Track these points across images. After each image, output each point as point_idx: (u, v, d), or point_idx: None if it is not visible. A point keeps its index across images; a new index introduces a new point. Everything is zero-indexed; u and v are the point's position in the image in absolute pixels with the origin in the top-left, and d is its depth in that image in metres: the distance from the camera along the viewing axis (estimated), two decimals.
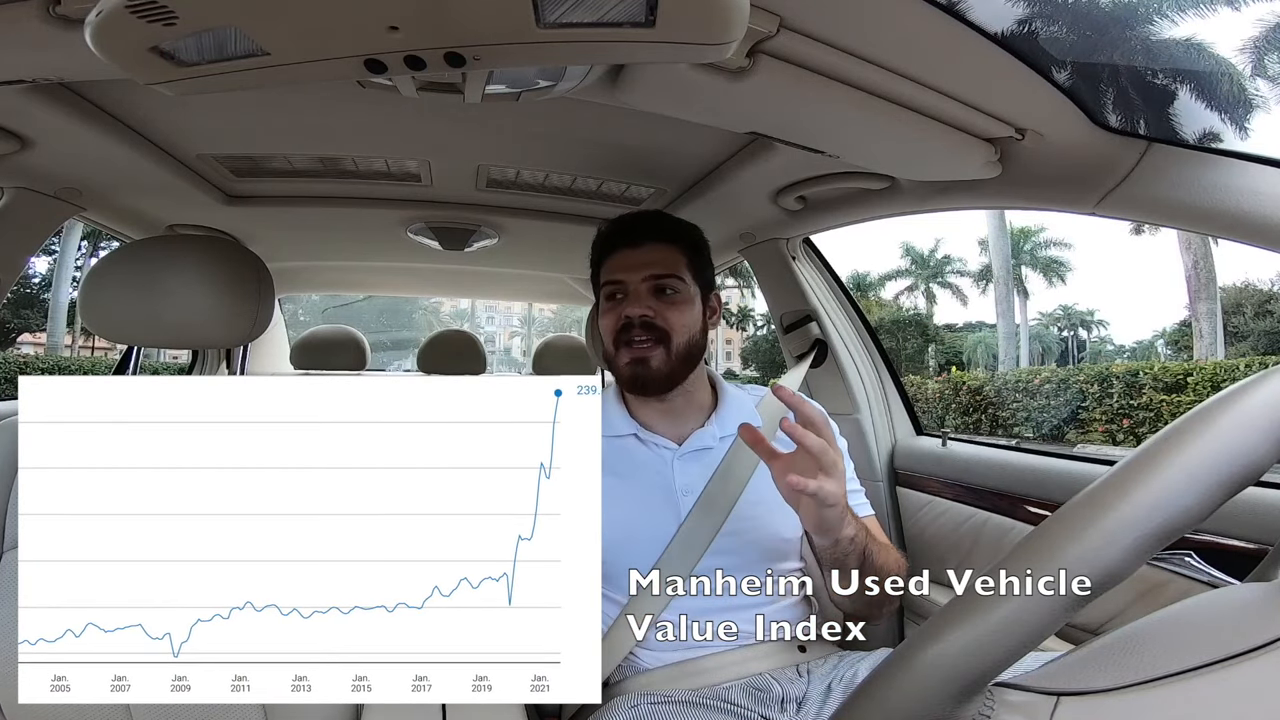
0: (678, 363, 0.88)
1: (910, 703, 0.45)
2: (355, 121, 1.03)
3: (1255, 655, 0.40)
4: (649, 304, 0.87)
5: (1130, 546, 0.40)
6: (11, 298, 11.31)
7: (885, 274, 26.46)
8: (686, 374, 0.90)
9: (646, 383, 0.88)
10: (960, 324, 27.06)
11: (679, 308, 0.89)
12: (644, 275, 0.89)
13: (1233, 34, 8.15)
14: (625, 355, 0.88)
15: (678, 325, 0.88)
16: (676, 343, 0.87)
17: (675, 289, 0.89)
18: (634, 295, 0.88)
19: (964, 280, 25.31)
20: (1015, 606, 0.42)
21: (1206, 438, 0.40)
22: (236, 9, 0.47)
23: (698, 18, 0.50)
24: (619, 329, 0.89)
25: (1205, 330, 13.13)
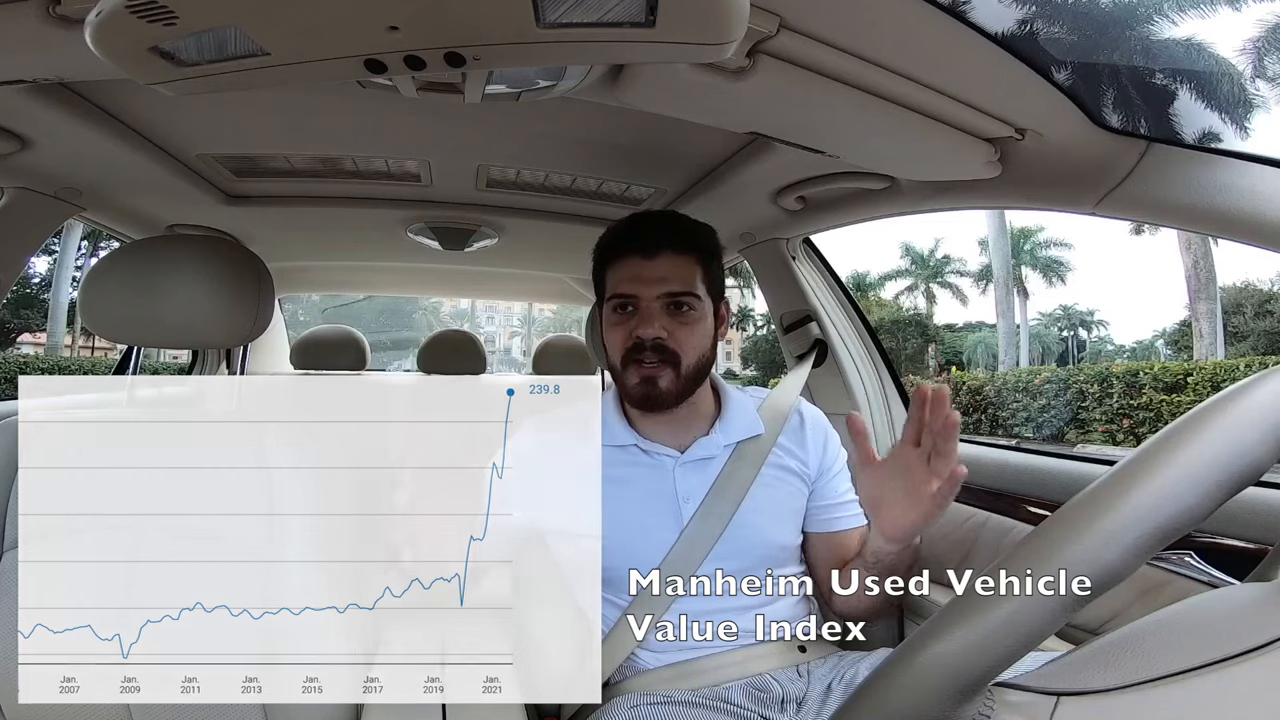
0: (686, 382, 0.86)
1: (910, 702, 0.45)
2: (355, 121, 1.03)
3: (1255, 655, 0.40)
4: (662, 324, 0.84)
5: (1130, 546, 0.40)
6: (11, 298, 11.24)
7: (885, 274, 26.44)
8: (694, 390, 0.88)
9: (655, 403, 0.86)
10: (960, 324, 27.04)
11: (691, 328, 0.86)
12: (658, 293, 0.85)
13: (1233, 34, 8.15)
14: (634, 375, 0.86)
15: (689, 347, 0.85)
16: (687, 364, 0.85)
17: (690, 307, 0.86)
18: (646, 314, 0.85)
19: (964, 280, 25.29)
20: (1015, 606, 0.42)
21: (1206, 438, 0.40)
22: (236, 9, 0.47)
23: (698, 18, 0.50)
24: (629, 347, 0.86)
25: (1205, 330, 13.12)
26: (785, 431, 0.93)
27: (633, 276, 0.86)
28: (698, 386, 0.89)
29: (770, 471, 0.90)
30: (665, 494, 0.87)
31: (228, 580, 0.75)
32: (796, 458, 0.93)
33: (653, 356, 0.84)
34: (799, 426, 0.95)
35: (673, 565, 0.83)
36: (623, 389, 0.89)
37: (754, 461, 0.89)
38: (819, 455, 0.94)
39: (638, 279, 0.86)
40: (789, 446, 0.93)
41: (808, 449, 0.94)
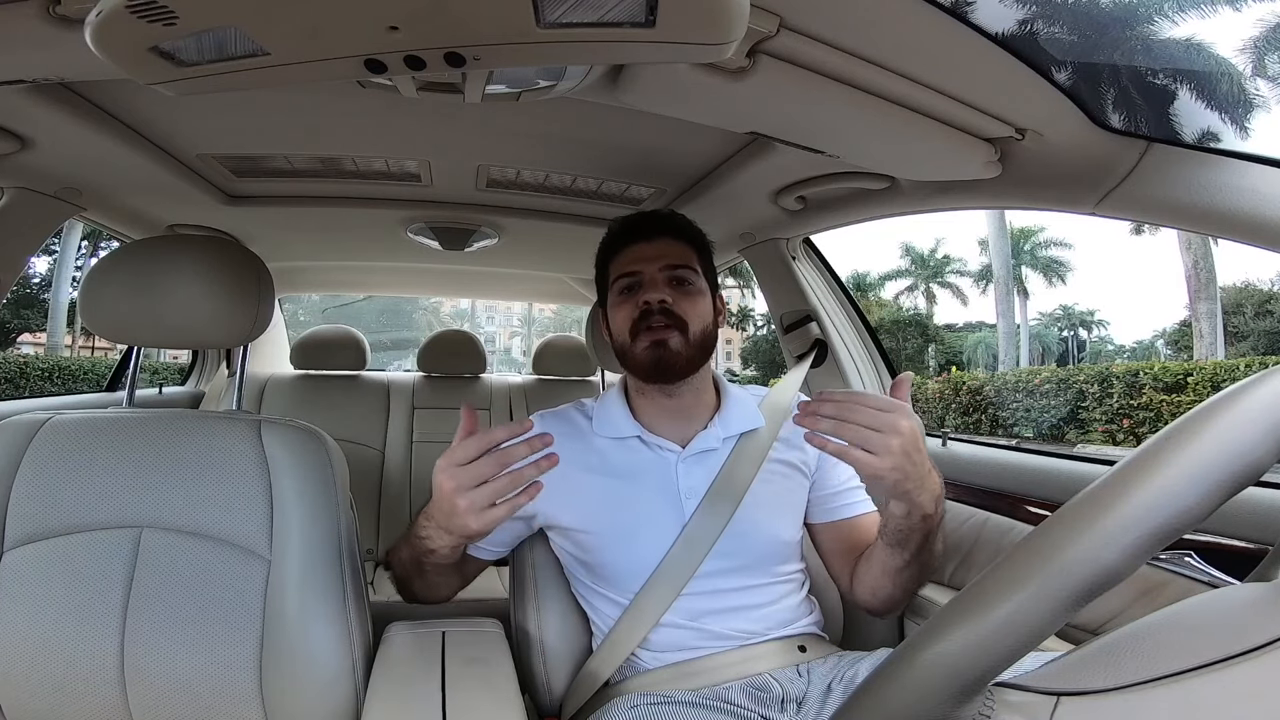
0: (695, 349, 0.87)
1: (911, 702, 0.45)
2: (355, 121, 1.03)
3: (1255, 655, 0.40)
4: (666, 292, 0.88)
5: (1130, 546, 0.40)
6: (11, 298, 11.20)
7: (885, 274, 26.51)
8: (701, 364, 0.90)
9: (667, 367, 0.87)
10: (960, 324, 27.08)
11: (694, 298, 0.89)
12: (660, 265, 0.89)
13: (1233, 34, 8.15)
14: (645, 340, 0.87)
15: (693, 314, 0.88)
16: (693, 330, 0.87)
17: (690, 280, 0.90)
18: (650, 283, 0.89)
19: (964, 280, 25.35)
20: (1015, 606, 0.42)
21: (1206, 438, 0.40)
22: (236, 9, 0.47)
23: (698, 18, 0.50)
24: (637, 316, 0.88)
25: (1205, 330, 13.12)
26: (785, 425, 0.93)
27: (636, 256, 0.91)
28: (704, 361, 0.90)
29: (771, 466, 0.90)
30: (667, 490, 0.87)
31: (228, 579, 0.75)
32: (797, 450, 0.93)
33: (661, 320, 0.87)
34: None
35: (674, 562, 0.83)
36: (633, 361, 0.89)
37: (755, 457, 0.89)
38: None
39: (640, 257, 0.90)
40: (789, 440, 0.93)
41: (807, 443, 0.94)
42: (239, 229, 1.59)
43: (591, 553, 0.87)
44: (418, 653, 0.78)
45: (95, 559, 0.74)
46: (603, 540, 0.86)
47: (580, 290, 2.29)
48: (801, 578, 0.92)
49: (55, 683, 0.72)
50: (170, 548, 0.76)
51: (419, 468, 2.04)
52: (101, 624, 0.73)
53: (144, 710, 0.73)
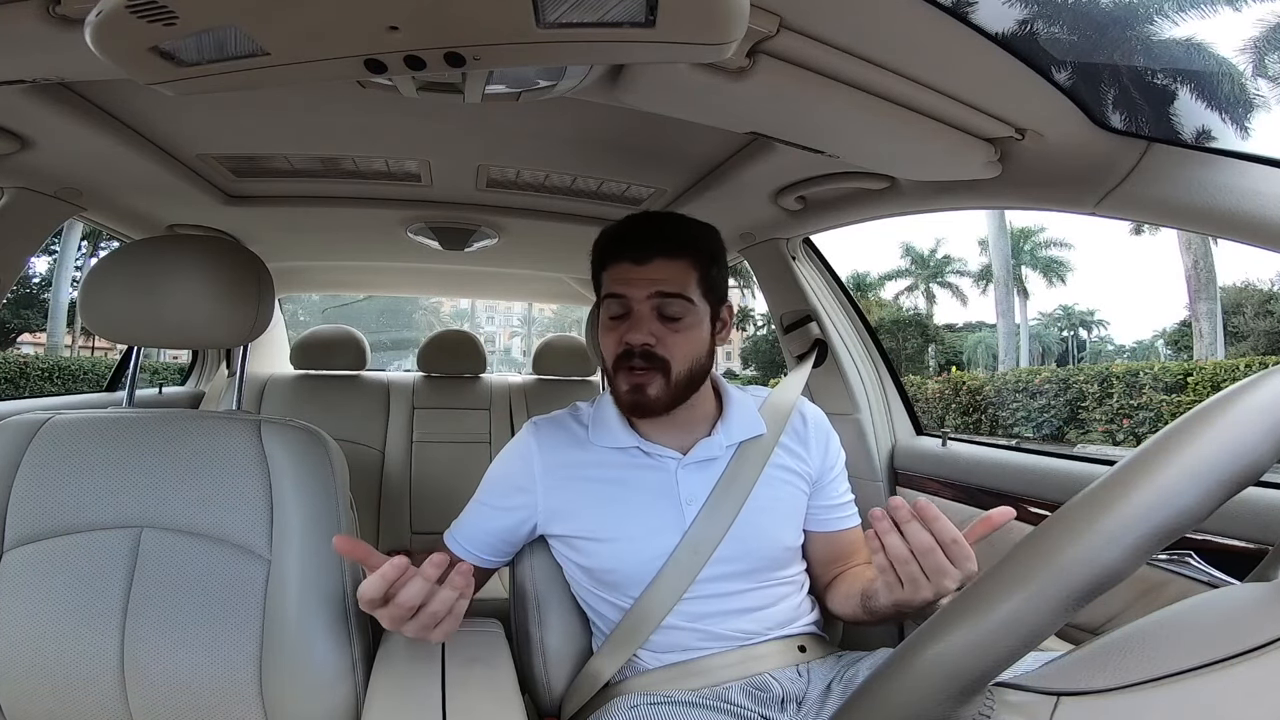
0: (677, 390, 0.84)
1: (911, 702, 0.45)
2: (355, 121, 1.03)
3: (1255, 655, 0.40)
4: (651, 329, 0.83)
5: (1130, 546, 0.40)
6: (11, 298, 11.19)
7: (885, 274, 26.50)
8: (687, 397, 0.87)
9: (644, 410, 0.85)
10: (960, 324, 27.09)
11: (683, 334, 0.84)
12: (648, 293, 0.83)
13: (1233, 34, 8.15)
14: (624, 381, 0.85)
15: (679, 354, 0.84)
16: (677, 371, 0.84)
17: (680, 314, 0.84)
18: (636, 318, 0.84)
19: (964, 280, 25.34)
20: (1015, 606, 0.42)
21: (1206, 438, 0.40)
22: (236, 9, 0.47)
23: (698, 18, 0.50)
24: (619, 354, 0.85)
25: (1205, 330, 13.12)
26: (787, 431, 0.93)
27: (624, 278, 0.85)
28: (691, 393, 0.87)
29: (773, 472, 0.89)
30: (668, 496, 0.86)
31: (228, 580, 0.75)
32: (799, 458, 0.93)
33: (641, 363, 0.83)
34: (801, 426, 0.95)
35: (675, 568, 0.83)
36: (615, 394, 0.88)
37: (757, 462, 0.88)
38: (821, 455, 0.94)
39: (630, 281, 0.85)
40: (791, 446, 0.93)
41: (810, 449, 0.94)
42: (239, 229, 1.59)
43: (592, 559, 0.87)
44: (418, 653, 0.78)
45: (95, 559, 0.74)
46: (603, 547, 0.86)
47: (580, 290, 2.29)
48: (802, 579, 0.92)
49: (55, 683, 0.72)
50: (170, 548, 0.75)
51: (419, 468, 2.05)
52: (101, 624, 0.73)
53: (144, 710, 0.73)
